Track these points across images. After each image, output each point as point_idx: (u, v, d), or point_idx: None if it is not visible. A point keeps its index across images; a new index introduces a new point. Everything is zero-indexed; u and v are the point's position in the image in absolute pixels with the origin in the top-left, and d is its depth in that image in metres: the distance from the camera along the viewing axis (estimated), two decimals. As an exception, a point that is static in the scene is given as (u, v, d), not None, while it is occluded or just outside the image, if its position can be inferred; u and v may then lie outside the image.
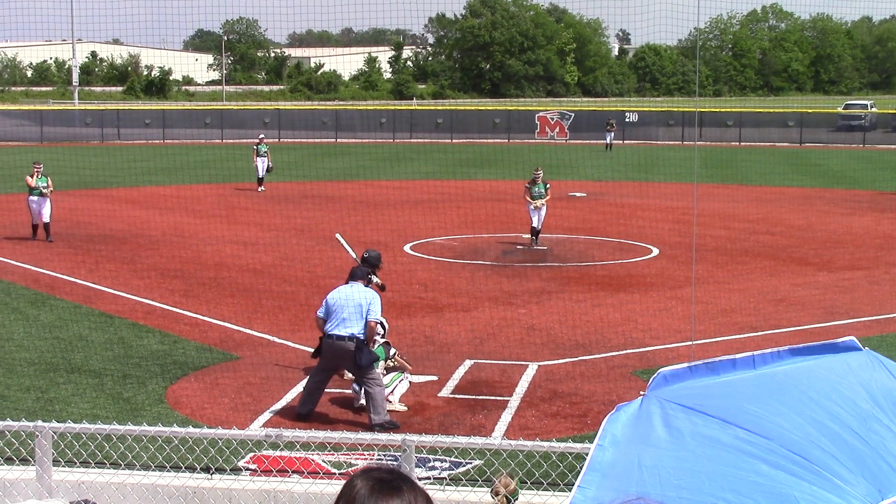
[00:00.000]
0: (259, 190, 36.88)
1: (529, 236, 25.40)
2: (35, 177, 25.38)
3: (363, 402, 12.54)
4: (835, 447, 3.88)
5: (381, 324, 13.49)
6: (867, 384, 4.21)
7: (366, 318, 12.25)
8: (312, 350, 13.30)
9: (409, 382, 13.39)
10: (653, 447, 3.98)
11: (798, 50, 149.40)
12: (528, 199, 24.99)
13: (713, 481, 3.78)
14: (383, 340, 13.40)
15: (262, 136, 39.25)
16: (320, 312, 12.49)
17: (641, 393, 4.31)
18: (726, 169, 46.66)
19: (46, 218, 25.48)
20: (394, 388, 13.00)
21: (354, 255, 14.83)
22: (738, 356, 4.40)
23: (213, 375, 14.30)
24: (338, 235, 15.66)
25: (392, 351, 13.40)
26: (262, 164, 36.93)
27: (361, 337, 12.20)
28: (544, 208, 24.94)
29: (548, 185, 25.14)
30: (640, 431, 4.08)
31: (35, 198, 25.41)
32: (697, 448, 3.92)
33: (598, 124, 62.80)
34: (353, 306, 12.25)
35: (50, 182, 25.67)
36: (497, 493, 7.05)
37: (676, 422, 4.05)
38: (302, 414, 12.34)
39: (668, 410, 4.10)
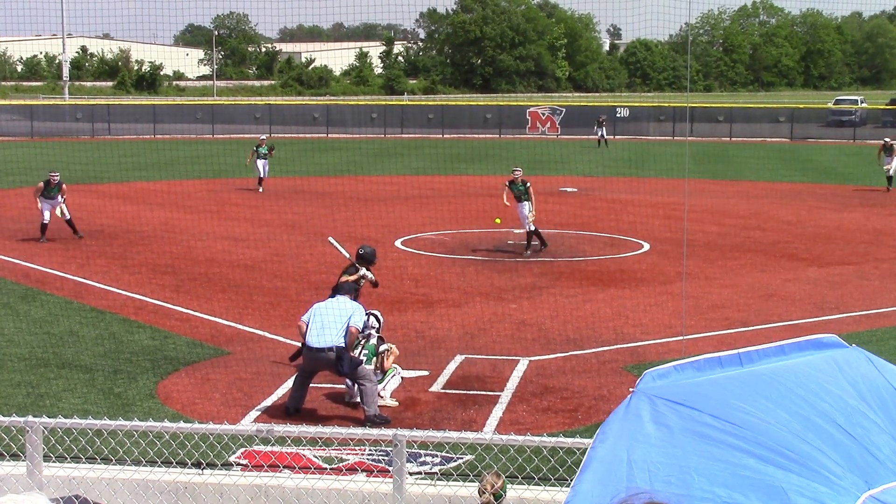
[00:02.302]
0: (258, 190, 35.74)
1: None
2: (52, 186, 24.81)
3: (357, 399, 12.58)
4: (822, 441, 3.91)
5: (377, 318, 13.52)
6: (853, 380, 4.24)
7: (347, 326, 12.32)
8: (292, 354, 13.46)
9: (401, 378, 13.40)
10: (642, 443, 4.00)
11: (788, 45, 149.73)
12: (509, 199, 23.84)
13: (703, 476, 3.80)
14: (377, 335, 13.40)
15: (262, 137, 38.31)
16: (304, 318, 12.55)
17: (630, 389, 4.32)
18: (717, 164, 46.73)
19: (47, 219, 24.96)
20: (385, 384, 13.03)
21: (348, 255, 14.78)
22: (723, 354, 4.43)
23: (204, 371, 14.30)
24: (331, 239, 15.39)
25: (383, 347, 13.38)
26: (261, 166, 35.70)
27: (342, 345, 12.25)
28: (532, 216, 23.37)
29: (528, 184, 23.45)
30: (628, 428, 4.09)
31: (49, 201, 24.91)
32: (687, 444, 3.94)
33: (589, 119, 62.79)
34: (335, 317, 12.34)
35: (65, 188, 25.10)
36: (482, 493, 7.05)
37: (665, 418, 4.06)
38: (291, 410, 12.39)
39: (657, 407, 4.11)
